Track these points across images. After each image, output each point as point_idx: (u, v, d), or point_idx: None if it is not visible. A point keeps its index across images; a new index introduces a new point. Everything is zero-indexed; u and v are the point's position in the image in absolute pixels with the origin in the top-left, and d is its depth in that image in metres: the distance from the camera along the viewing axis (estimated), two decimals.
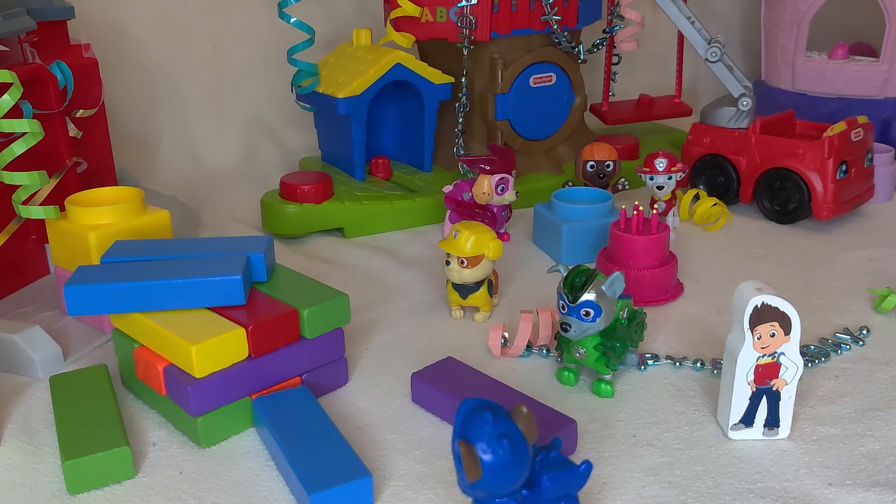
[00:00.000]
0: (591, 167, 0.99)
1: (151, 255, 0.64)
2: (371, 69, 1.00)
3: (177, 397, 0.58)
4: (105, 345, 0.73)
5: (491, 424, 0.42)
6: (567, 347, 0.64)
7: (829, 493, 0.53)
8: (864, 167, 0.99)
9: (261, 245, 0.65)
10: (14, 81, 0.67)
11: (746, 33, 1.62)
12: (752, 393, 0.57)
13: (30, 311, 0.77)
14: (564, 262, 0.89)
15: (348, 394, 0.66)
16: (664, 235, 0.80)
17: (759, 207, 1.02)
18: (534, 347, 0.70)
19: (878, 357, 0.69)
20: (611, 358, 0.63)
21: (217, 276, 0.60)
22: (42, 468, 0.57)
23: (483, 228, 0.74)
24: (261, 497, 0.53)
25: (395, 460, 0.57)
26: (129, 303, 0.60)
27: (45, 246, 0.84)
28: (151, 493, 0.54)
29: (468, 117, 1.09)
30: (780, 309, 0.54)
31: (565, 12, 1.08)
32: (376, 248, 0.95)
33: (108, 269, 0.61)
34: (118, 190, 0.76)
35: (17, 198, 0.71)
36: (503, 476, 0.42)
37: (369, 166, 1.10)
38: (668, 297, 0.80)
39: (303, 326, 0.62)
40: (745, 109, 1.03)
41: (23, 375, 0.68)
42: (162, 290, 0.60)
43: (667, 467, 0.55)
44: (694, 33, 1.05)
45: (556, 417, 0.57)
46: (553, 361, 0.69)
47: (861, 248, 0.92)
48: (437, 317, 0.78)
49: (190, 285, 0.60)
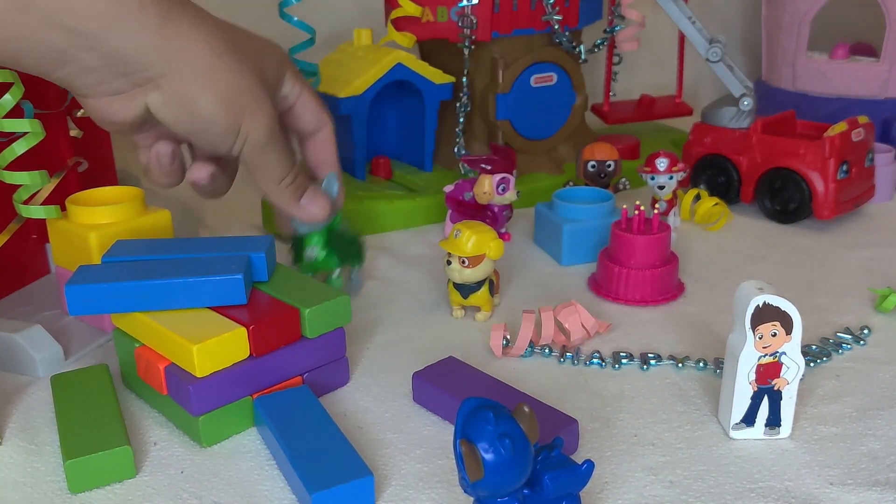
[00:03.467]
0: (592, 167, 0.99)
1: (152, 255, 0.64)
2: (372, 69, 1.00)
3: (178, 397, 0.58)
4: (106, 344, 0.73)
5: (493, 424, 0.42)
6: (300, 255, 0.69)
7: (830, 492, 0.53)
8: (864, 167, 0.99)
9: (262, 245, 0.65)
10: (15, 81, 0.67)
11: (747, 33, 1.62)
12: (754, 392, 0.57)
13: (30, 310, 0.77)
14: (566, 262, 0.89)
15: (349, 393, 0.66)
16: (665, 235, 0.80)
17: (760, 207, 1.02)
18: (536, 347, 0.70)
19: (879, 357, 0.69)
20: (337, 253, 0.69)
21: (218, 276, 0.60)
22: (43, 467, 0.57)
23: (484, 228, 0.74)
24: (262, 496, 0.53)
25: (396, 460, 0.57)
26: (129, 302, 0.60)
27: (45, 245, 0.84)
28: (153, 492, 0.54)
29: (469, 117, 1.09)
30: (782, 308, 0.54)
31: (566, 12, 1.08)
32: (377, 248, 0.95)
33: (108, 268, 0.61)
34: (119, 189, 0.76)
35: (18, 197, 0.71)
36: (505, 475, 0.42)
37: (370, 166, 1.10)
38: (670, 296, 0.80)
39: (304, 326, 0.62)
40: (746, 109, 1.04)
41: (24, 375, 0.68)
42: (163, 290, 0.60)
43: (668, 467, 0.55)
44: (695, 33, 1.05)
45: (558, 417, 0.57)
46: (555, 361, 0.69)
47: (862, 248, 0.92)
48: (438, 316, 0.78)
49: (191, 285, 0.60)
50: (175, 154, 0.62)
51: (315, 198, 0.66)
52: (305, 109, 0.66)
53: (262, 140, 0.59)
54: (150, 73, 0.54)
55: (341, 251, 0.70)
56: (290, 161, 0.63)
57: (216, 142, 0.58)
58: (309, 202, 0.65)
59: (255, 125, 0.58)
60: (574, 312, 0.71)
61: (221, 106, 0.56)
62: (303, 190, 0.65)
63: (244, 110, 0.57)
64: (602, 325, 0.73)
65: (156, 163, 0.61)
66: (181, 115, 0.56)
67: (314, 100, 0.66)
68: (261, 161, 0.60)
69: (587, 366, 0.69)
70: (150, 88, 0.54)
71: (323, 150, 0.69)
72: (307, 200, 0.65)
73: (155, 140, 0.61)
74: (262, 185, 0.63)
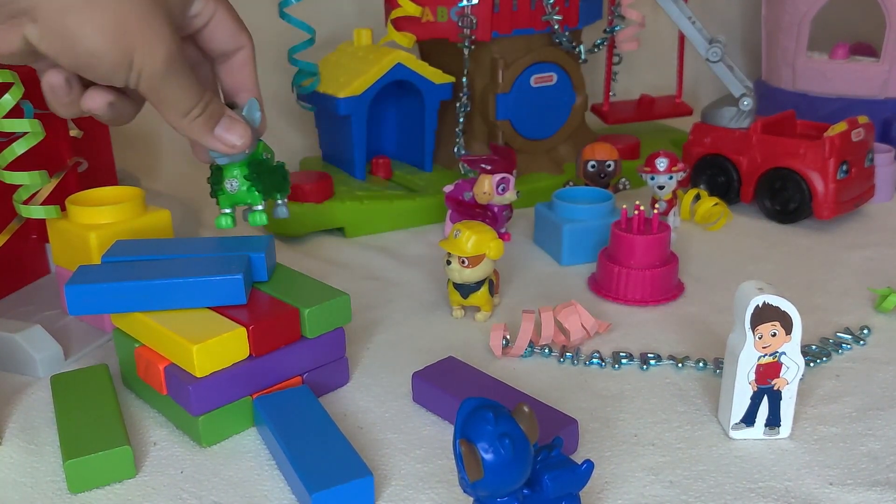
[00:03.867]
0: (592, 167, 0.99)
1: (152, 255, 0.64)
2: (372, 69, 1.00)
3: (178, 397, 0.58)
4: (106, 344, 0.73)
5: (492, 424, 0.42)
6: (220, 188, 0.63)
7: (829, 492, 0.53)
8: (864, 167, 0.99)
9: (261, 245, 0.65)
10: (15, 81, 0.67)
11: (747, 33, 1.62)
12: (754, 392, 0.57)
13: (30, 310, 0.77)
14: (566, 262, 0.89)
15: (349, 393, 0.66)
16: (665, 235, 0.80)
17: (760, 207, 1.02)
18: (535, 347, 0.70)
19: (878, 357, 0.69)
20: (261, 184, 0.63)
21: (218, 276, 0.60)
22: (43, 467, 0.57)
23: (484, 228, 0.74)
24: (262, 496, 0.53)
25: (396, 460, 0.57)
26: (129, 302, 0.60)
27: (45, 245, 0.84)
28: (152, 492, 0.54)
29: (469, 117, 1.09)
30: (782, 308, 0.54)
31: (566, 12, 1.08)
32: (377, 248, 0.95)
33: (109, 268, 0.61)
34: (119, 189, 0.76)
35: (18, 197, 0.71)
36: (504, 475, 0.42)
37: (370, 166, 1.10)
38: (669, 296, 0.80)
39: (304, 326, 0.62)
40: (746, 109, 1.03)
41: (24, 375, 0.68)
42: (163, 290, 0.60)
43: (668, 467, 0.55)
44: (695, 33, 1.05)
45: (558, 417, 0.57)
46: (554, 361, 0.69)
47: (862, 248, 0.92)
48: (438, 316, 0.78)
49: (191, 285, 0.60)
50: (70, 83, 0.55)
51: (232, 126, 0.59)
52: (220, 29, 0.59)
53: (159, 72, 0.52)
54: (22, 3, 0.48)
55: (265, 182, 0.64)
56: (196, 90, 0.56)
57: (106, 76, 0.52)
58: (224, 131, 0.58)
59: (150, 56, 0.51)
60: (574, 313, 0.71)
61: (106, 39, 0.50)
62: (216, 119, 0.58)
63: (134, 41, 0.50)
64: (602, 325, 0.73)
65: (50, 94, 0.55)
66: (62, 50, 0.50)
67: (230, 18, 0.60)
68: (162, 94, 0.54)
69: (587, 366, 0.69)
70: (26, 21, 0.49)
71: (241, 73, 0.63)
72: (222, 129, 0.58)
73: (48, 68, 0.54)
74: (168, 119, 0.56)
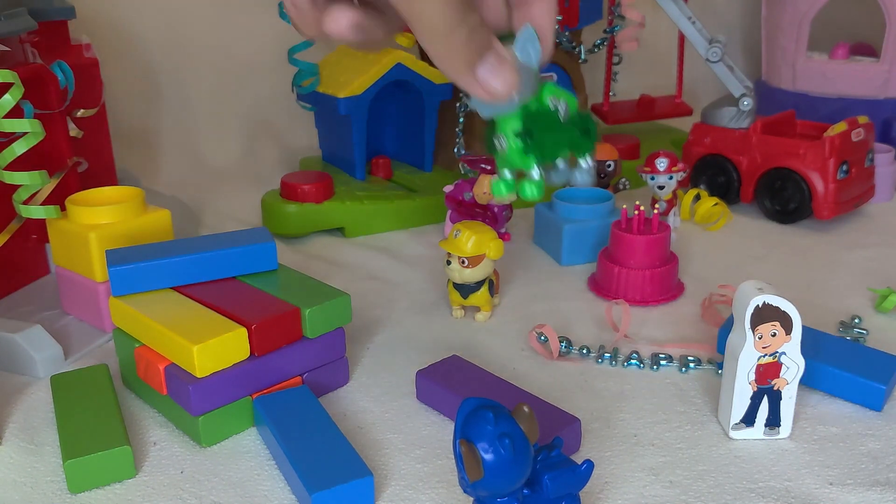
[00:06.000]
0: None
1: (152, 256, 0.64)
2: (372, 69, 1.00)
3: (178, 397, 0.58)
4: (106, 344, 0.73)
5: (492, 424, 0.42)
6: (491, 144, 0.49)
7: (829, 492, 0.53)
8: (864, 167, 0.99)
9: (264, 236, 0.67)
10: (15, 81, 0.67)
11: (747, 33, 1.62)
12: (754, 392, 0.57)
13: (30, 310, 0.77)
14: (566, 262, 0.89)
15: (349, 393, 0.66)
16: (665, 235, 0.80)
17: (760, 207, 1.02)
18: (573, 347, 0.70)
19: None
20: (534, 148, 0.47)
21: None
22: (43, 467, 0.57)
23: (484, 228, 0.74)
24: (262, 496, 0.53)
25: (396, 460, 0.57)
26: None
27: (45, 246, 0.84)
28: (152, 492, 0.54)
29: (469, 117, 1.09)
30: (782, 308, 0.54)
31: (566, 12, 1.08)
32: (377, 248, 0.95)
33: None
34: (119, 189, 0.76)
35: (18, 197, 0.71)
36: (504, 475, 0.42)
37: (370, 166, 1.10)
38: (669, 296, 0.80)
39: (304, 326, 0.62)
40: (745, 109, 1.03)
41: (24, 375, 0.68)
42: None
43: (668, 467, 0.55)
44: (695, 33, 1.05)
45: (561, 416, 0.57)
46: (554, 361, 0.69)
47: (862, 248, 0.92)
48: (438, 316, 0.78)
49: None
50: None
51: (497, 67, 0.43)
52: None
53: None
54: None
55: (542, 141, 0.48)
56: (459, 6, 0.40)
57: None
58: (489, 73, 0.43)
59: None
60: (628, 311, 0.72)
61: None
62: (479, 52, 0.42)
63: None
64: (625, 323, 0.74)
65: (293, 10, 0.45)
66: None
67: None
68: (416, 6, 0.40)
69: (621, 366, 0.69)
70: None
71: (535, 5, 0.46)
72: (486, 70, 0.43)
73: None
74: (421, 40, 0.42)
